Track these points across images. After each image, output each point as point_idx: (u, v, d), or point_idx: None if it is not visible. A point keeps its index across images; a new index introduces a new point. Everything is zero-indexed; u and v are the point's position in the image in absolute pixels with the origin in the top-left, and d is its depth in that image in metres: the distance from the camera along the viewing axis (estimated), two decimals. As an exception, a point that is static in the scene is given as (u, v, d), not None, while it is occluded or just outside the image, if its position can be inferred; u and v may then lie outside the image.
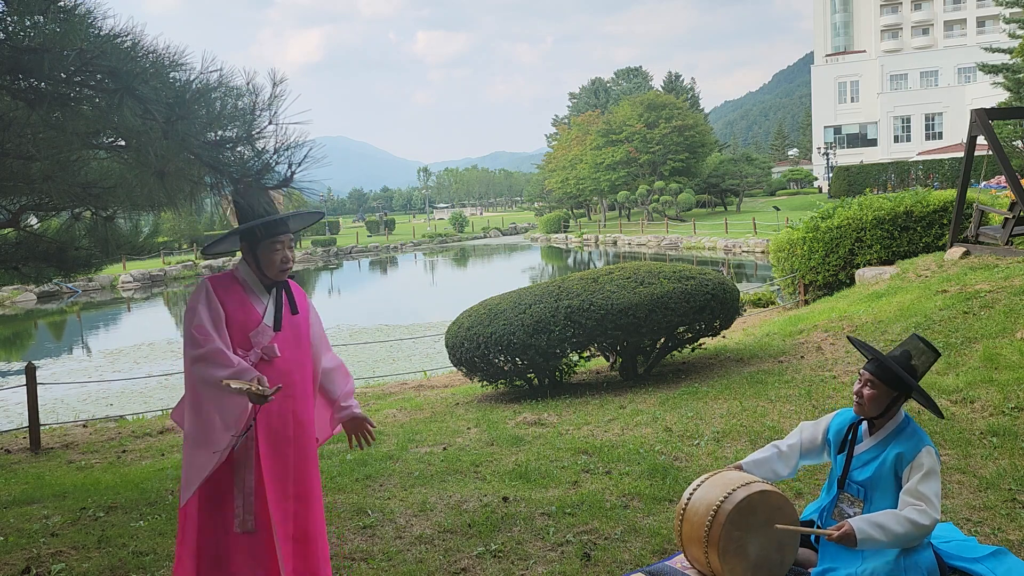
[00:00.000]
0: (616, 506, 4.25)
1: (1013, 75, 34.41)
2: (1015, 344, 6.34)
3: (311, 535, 2.94)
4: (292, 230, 2.93)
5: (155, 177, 2.57)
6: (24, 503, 5.22)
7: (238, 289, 2.87)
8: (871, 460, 2.85)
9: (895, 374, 2.78)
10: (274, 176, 2.78)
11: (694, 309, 7.35)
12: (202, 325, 2.73)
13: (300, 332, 2.98)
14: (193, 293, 2.82)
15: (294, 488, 2.89)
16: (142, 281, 36.63)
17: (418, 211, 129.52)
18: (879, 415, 2.85)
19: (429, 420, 6.96)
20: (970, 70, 58.51)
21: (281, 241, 2.86)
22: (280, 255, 2.86)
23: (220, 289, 2.83)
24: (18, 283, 6.21)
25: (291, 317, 2.95)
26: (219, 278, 2.88)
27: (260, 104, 2.75)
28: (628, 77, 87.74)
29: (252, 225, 2.82)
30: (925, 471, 2.71)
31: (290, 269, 2.92)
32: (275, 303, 2.90)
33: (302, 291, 3.09)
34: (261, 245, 2.85)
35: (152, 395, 12.68)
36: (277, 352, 2.84)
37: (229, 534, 2.78)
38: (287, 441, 2.87)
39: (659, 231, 42.98)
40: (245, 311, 2.83)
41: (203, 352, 2.70)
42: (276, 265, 2.87)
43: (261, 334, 2.84)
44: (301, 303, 3.02)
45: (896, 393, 2.82)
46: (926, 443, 2.77)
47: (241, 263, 2.92)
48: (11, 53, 2.40)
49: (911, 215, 11.02)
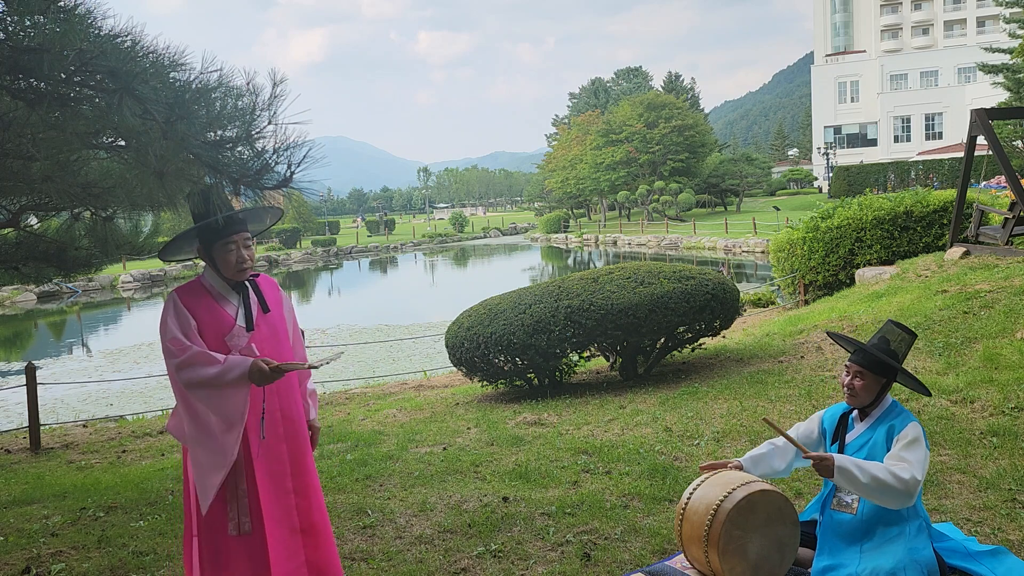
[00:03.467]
0: (616, 506, 4.25)
1: (1013, 75, 34.40)
2: (1015, 344, 6.34)
3: (318, 526, 2.95)
4: (245, 229, 2.86)
5: (155, 177, 2.56)
6: (24, 503, 5.22)
7: (206, 296, 2.84)
8: (864, 444, 2.93)
9: (880, 361, 2.89)
10: (274, 176, 2.78)
11: (694, 309, 7.35)
12: (175, 337, 2.72)
13: (277, 328, 2.96)
14: (163, 308, 2.81)
15: (293, 482, 2.89)
16: (142, 281, 36.62)
17: (418, 211, 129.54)
18: (870, 403, 2.96)
19: (429, 420, 6.96)
20: (970, 70, 58.52)
21: (234, 241, 2.81)
22: (235, 255, 2.81)
23: (187, 298, 2.81)
24: (18, 283, 6.20)
25: (265, 315, 2.91)
26: (186, 288, 2.86)
27: (260, 104, 2.74)
28: (628, 77, 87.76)
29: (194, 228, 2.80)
30: (910, 439, 2.81)
31: (249, 268, 2.87)
32: (243, 304, 2.87)
33: (275, 285, 3.05)
34: (214, 247, 2.81)
35: (152, 395, 12.67)
36: (256, 352, 2.82)
37: (226, 536, 2.77)
38: (278, 438, 2.86)
39: (659, 231, 42.98)
40: (215, 316, 2.81)
41: (184, 359, 2.69)
42: (232, 265, 2.82)
43: (236, 336, 2.81)
44: (273, 299, 2.98)
45: (884, 379, 2.93)
46: (912, 419, 2.89)
47: (206, 268, 2.89)
48: (11, 53, 2.40)
49: (911, 215, 11.02)
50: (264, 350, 2.86)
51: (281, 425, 2.89)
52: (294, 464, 2.90)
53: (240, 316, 2.85)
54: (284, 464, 2.87)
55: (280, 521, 2.83)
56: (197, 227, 2.81)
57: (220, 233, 2.79)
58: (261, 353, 2.84)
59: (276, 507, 2.82)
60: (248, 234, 2.88)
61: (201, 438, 2.73)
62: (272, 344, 2.91)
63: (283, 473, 2.87)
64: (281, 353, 2.94)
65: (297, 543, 2.86)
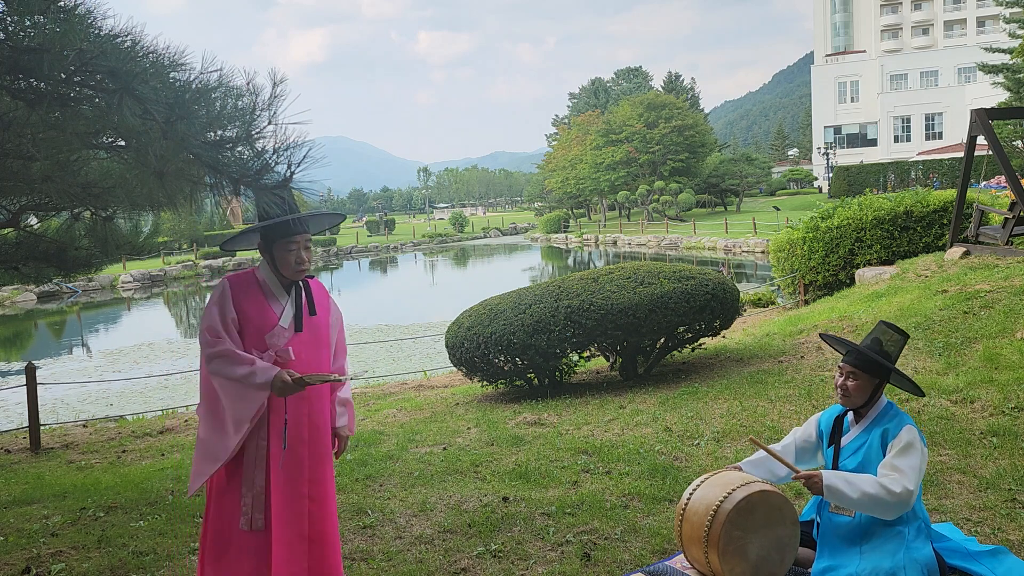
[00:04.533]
0: (616, 506, 4.25)
1: (1013, 75, 34.40)
2: (1015, 344, 6.34)
3: (327, 535, 2.95)
4: (308, 231, 2.91)
5: (155, 177, 2.57)
6: (24, 503, 5.21)
7: (256, 290, 2.87)
8: (859, 447, 2.93)
9: (874, 361, 2.90)
10: (273, 176, 2.78)
11: (694, 309, 7.35)
12: (212, 326, 2.76)
13: (319, 334, 2.97)
14: (213, 291, 2.85)
15: (309, 489, 2.88)
16: (142, 281, 36.63)
17: (418, 211, 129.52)
18: (864, 403, 2.96)
19: (429, 420, 6.96)
20: (970, 70, 58.51)
21: (296, 241, 2.85)
22: (295, 255, 2.85)
23: (238, 289, 2.83)
24: (18, 283, 6.20)
25: (309, 318, 2.93)
26: (239, 277, 2.89)
27: (260, 104, 2.74)
28: (628, 77, 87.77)
29: (264, 225, 2.83)
30: (903, 444, 2.80)
31: (307, 270, 2.91)
32: (294, 304, 2.89)
33: (325, 291, 3.07)
34: (276, 244, 2.85)
35: (152, 395, 12.67)
36: (292, 355, 2.83)
37: (235, 530, 2.78)
38: (301, 442, 2.87)
39: (659, 231, 42.98)
40: (262, 312, 2.83)
41: (217, 351, 2.72)
42: (291, 265, 2.86)
43: (276, 336, 2.83)
44: (322, 304, 3.00)
45: (877, 380, 2.94)
46: (907, 422, 2.88)
47: (262, 263, 2.92)
48: (11, 53, 2.40)
49: (911, 215, 11.02)
50: (301, 353, 2.87)
51: (307, 429, 2.89)
52: (312, 470, 2.90)
53: (285, 316, 2.87)
54: (303, 469, 2.87)
55: (289, 524, 2.82)
56: (266, 224, 2.82)
57: (285, 232, 2.83)
58: (298, 357, 2.85)
59: (288, 510, 2.82)
60: (309, 236, 2.92)
61: (210, 426, 2.77)
62: (311, 349, 2.92)
63: (301, 478, 2.86)
64: (319, 359, 2.94)
65: (303, 550, 2.86)
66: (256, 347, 2.79)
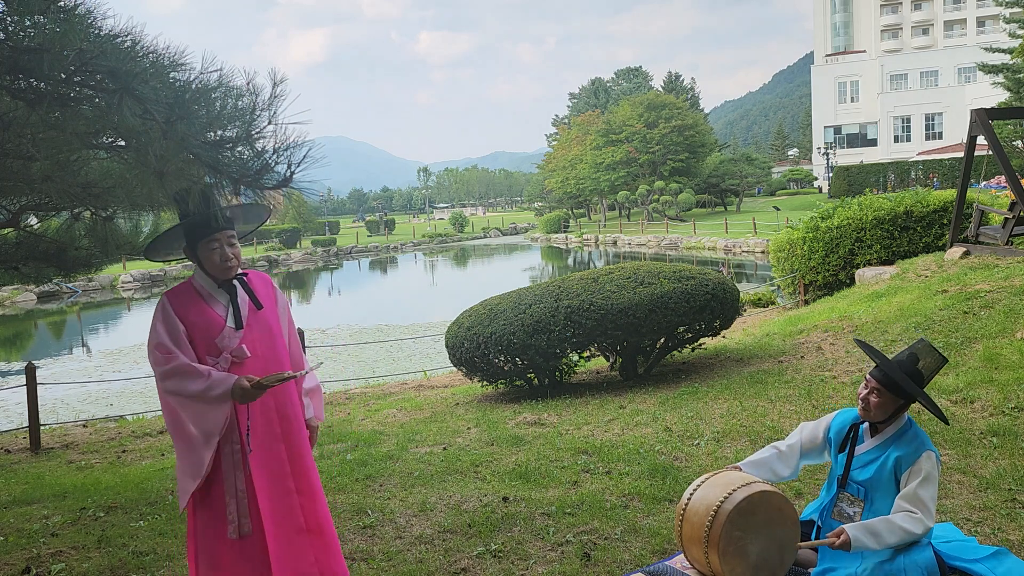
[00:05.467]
0: (616, 506, 4.25)
1: (1013, 75, 34.41)
2: (1015, 344, 6.34)
3: (324, 526, 2.93)
4: (230, 227, 2.84)
5: (155, 177, 2.56)
6: (24, 503, 5.21)
7: (195, 297, 2.82)
8: (872, 461, 2.86)
9: (900, 384, 2.79)
10: (274, 176, 2.77)
11: (694, 309, 7.35)
12: (160, 343, 2.71)
13: (270, 327, 2.92)
14: (153, 312, 2.79)
15: (295, 483, 2.87)
16: (142, 281, 36.62)
17: (418, 211, 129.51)
18: (883, 420, 2.87)
19: (429, 420, 6.96)
20: (970, 70, 58.53)
21: (217, 239, 2.79)
22: (218, 253, 2.79)
23: (177, 301, 2.79)
24: (18, 283, 6.20)
25: (258, 313, 2.88)
26: (176, 290, 2.84)
27: (260, 104, 2.73)
28: (628, 77, 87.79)
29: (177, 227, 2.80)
30: (923, 476, 2.73)
31: (235, 267, 2.84)
32: (231, 303, 2.84)
33: (268, 282, 3.01)
34: (199, 246, 2.80)
35: (152, 395, 12.65)
36: (247, 353, 2.79)
37: (224, 541, 2.75)
38: (276, 439, 2.84)
39: (659, 231, 42.98)
40: (205, 318, 2.78)
41: (170, 368, 2.67)
42: (217, 264, 2.80)
43: (227, 337, 2.78)
44: (267, 295, 2.95)
45: (901, 400, 2.83)
46: (927, 447, 2.78)
47: (196, 269, 2.87)
48: (11, 53, 2.40)
49: (911, 215, 11.02)
50: (257, 350, 2.83)
51: (278, 424, 2.85)
52: (294, 464, 2.88)
53: (230, 316, 2.82)
54: (284, 464, 2.85)
55: (282, 522, 2.81)
56: (179, 226, 2.80)
57: (204, 232, 2.78)
58: (254, 353, 2.81)
59: (277, 508, 2.80)
60: (232, 232, 2.85)
61: (181, 444, 2.73)
62: (266, 343, 2.88)
63: (283, 473, 2.84)
64: (275, 351, 2.90)
65: (304, 543, 2.84)
66: (210, 353, 2.75)
